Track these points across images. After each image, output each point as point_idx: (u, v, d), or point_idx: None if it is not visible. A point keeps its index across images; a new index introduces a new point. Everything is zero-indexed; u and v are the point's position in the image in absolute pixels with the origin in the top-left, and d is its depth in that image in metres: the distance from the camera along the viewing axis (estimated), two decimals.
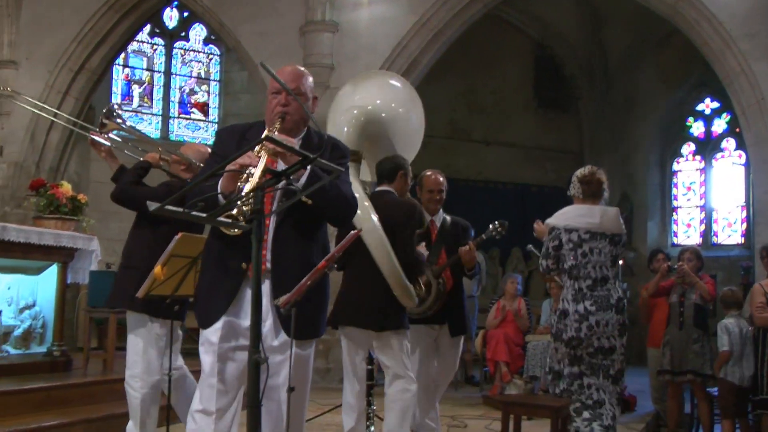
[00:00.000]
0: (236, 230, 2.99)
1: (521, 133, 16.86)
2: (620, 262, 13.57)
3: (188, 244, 4.40)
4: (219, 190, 3.27)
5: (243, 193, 2.77)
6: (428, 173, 6.42)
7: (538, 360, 9.60)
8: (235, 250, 3.42)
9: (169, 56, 16.07)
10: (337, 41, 11.26)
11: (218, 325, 3.46)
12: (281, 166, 3.31)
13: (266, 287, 3.45)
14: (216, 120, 16.23)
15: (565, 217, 5.55)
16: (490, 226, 6.33)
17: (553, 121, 16.98)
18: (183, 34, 16.25)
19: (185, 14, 16.01)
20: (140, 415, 5.02)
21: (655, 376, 8.10)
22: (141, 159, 5.39)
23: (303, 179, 3.28)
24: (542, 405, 5.61)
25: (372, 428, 5.55)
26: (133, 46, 15.38)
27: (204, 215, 2.66)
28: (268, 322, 3.45)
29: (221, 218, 2.73)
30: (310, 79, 3.76)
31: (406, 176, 5.47)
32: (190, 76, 16.26)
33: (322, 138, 3.69)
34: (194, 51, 16.39)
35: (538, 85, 16.89)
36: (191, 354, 5.28)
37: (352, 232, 3.53)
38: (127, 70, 15.63)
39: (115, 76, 15.42)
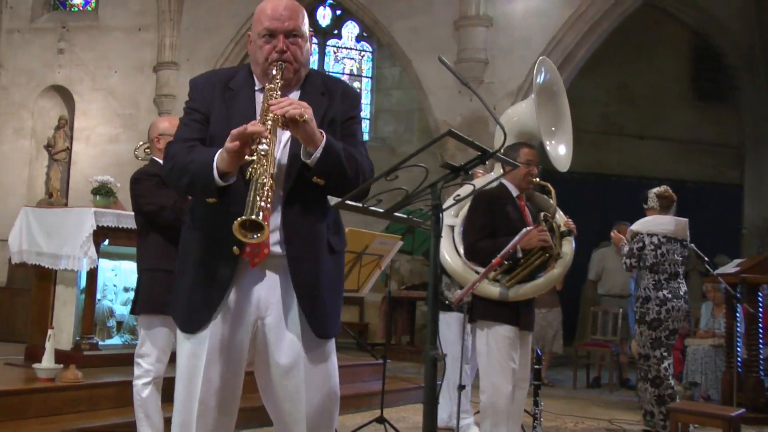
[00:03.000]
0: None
1: (678, 126, 16.20)
2: None
3: (354, 239, 4.38)
4: (216, 167, 2.71)
5: (423, 187, 2.61)
6: None
7: (698, 365, 9.22)
8: (221, 234, 2.75)
9: (322, 54, 16.36)
10: (491, 35, 11.15)
11: (207, 330, 2.89)
12: (285, 135, 2.86)
13: (274, 276, 2.91)
14: (368, 117, 16.35)
15: (648, 224, 6.95)
16: None
17: (711, 113, 16.25)
18: (336, 31, 16.50)
19: (338, 12, 16.23)
20: None
21: None
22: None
23: (318, 152, 2.75)
24: (714, 414, 5.29)
25: (539, 429, 5.40)
26: None
27: (381, 210, 2.60)
28: (276, 315, 2.91)
29: (398, 213, 2.66)
30: (305, 13, 3.05)
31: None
32: (343, 73, 16.48)
33: (328, 83, 3.06)
34: (347, 48, 16.64)
35: (696, 76, 16.21)
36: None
37: (526, 229, 3.39)
38: None
39: None
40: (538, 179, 5.19)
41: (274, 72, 2.87)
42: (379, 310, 13.21)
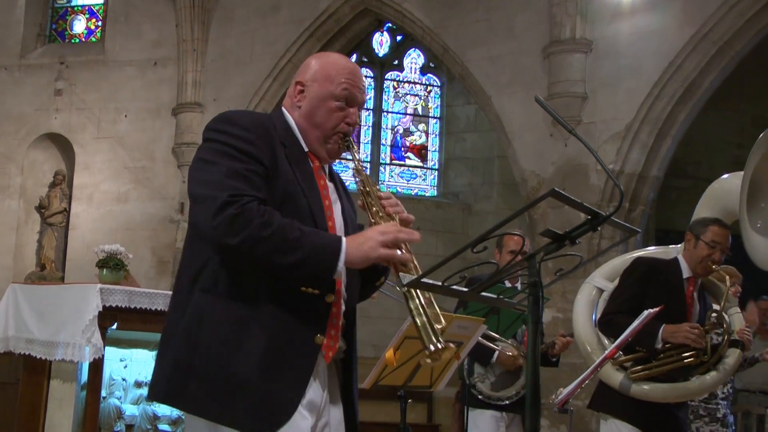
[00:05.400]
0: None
1: None
2: None
3: None
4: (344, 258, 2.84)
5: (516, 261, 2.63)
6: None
7: None
8: (301, 318, 2.90)
9: (379, 90, 16.42)
10: (591, 63, 11.12)
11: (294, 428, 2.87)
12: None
13: (330, 372, 3.09)
14: (436, 166, 16.33)
15: None
16: None
17: None
18: (396, 62, 16.60)
19: (399, 39, 16.36)
20: None
21: None
22: None
23: None
24: None
25: None
26: None
27: (466, 290, 2.59)
28: (332, 419, 3.08)
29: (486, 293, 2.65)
30: None
31: (696, 240, 5.23)
32: (405, 114, 16.56)
33: None
34: (409, 83, 16.73)
35: None
36: None
37: (647, 311, 3.35)
38: None
39: None
40: (717, 267, 5.22)
41: (339, 146, 3.11)
42: (453, 408, 13.06)
